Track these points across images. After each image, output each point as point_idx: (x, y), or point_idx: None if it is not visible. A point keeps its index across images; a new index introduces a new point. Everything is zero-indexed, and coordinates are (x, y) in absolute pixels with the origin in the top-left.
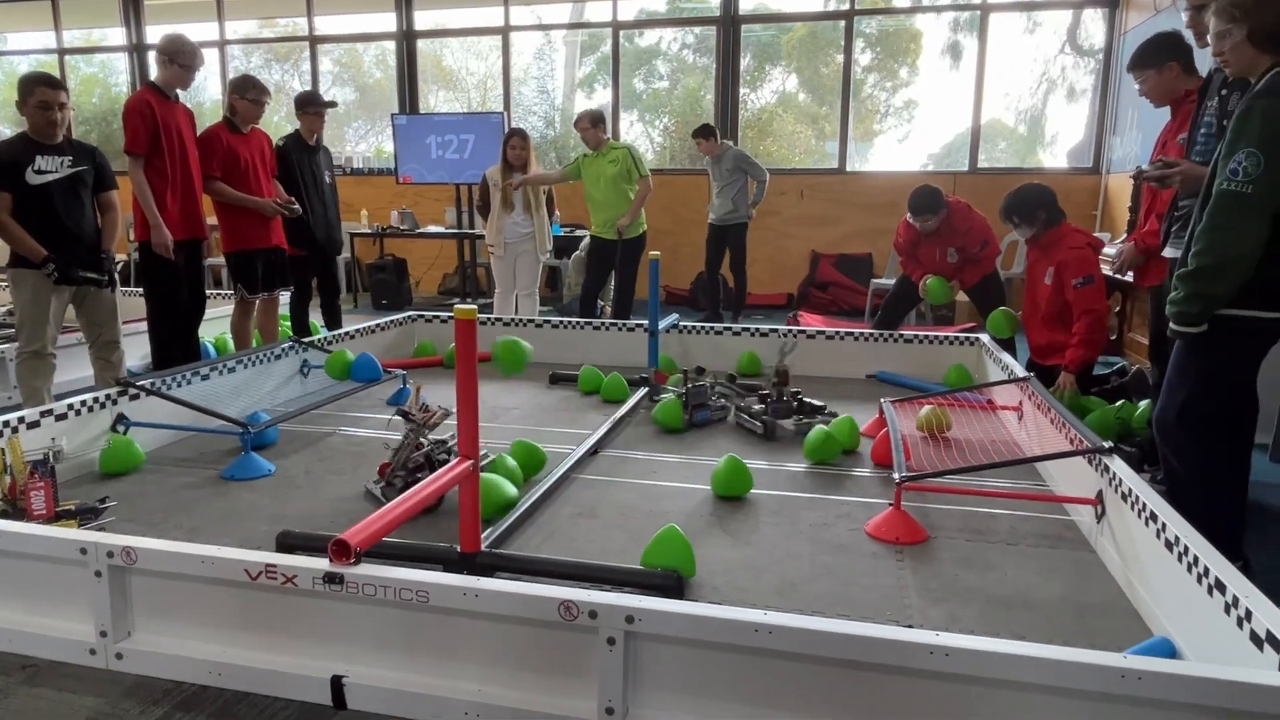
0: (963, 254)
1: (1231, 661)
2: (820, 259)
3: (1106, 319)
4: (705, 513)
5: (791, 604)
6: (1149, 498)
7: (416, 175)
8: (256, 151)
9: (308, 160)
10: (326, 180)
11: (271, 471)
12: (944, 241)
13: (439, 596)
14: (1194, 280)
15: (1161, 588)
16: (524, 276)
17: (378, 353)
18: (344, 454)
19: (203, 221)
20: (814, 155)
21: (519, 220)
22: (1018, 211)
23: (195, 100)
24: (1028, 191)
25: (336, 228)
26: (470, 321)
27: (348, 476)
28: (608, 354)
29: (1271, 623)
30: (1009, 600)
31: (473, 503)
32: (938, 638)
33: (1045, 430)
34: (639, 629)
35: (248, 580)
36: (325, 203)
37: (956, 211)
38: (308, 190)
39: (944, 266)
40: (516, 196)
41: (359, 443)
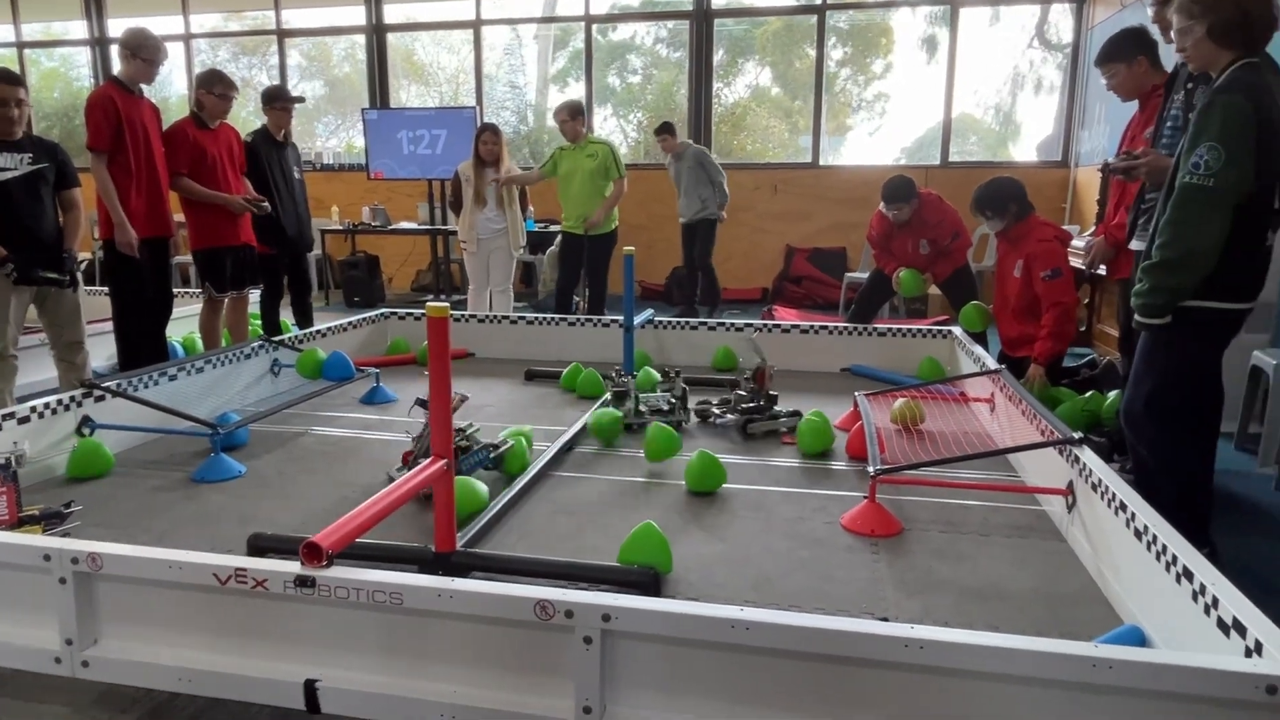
0: (934, 246)
1: (1200, 648)
2: (794, 253)
3: (1075, 311)
4: (682, 508)
5: (768, 599)
6: (1118, 487)
7: (388, 171)
8: (224, 147)
9: (276, 156)
10: (296, 176)
11: (242, 473)
12: (916, 233)
13: (413, 598)
14: (1158, 272)
15: (1131, 576)
16: (498, 272)
17: (350, 351)
18: (316, 454)
19: (169, 219)
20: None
21: (492, 216)
22: (989, 204)
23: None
24: (998, 184)
25: (307, 224)
26: (442, 319)
27: (320, 477)
28: (583, 350)
29: (1237, 609)
30: (982, 591)
31: (447, 502)
32: (912, 631)
33: (1017, 422)
34: (615, 627)
35: (217, 585)
36: (295, 199)
37: (928, 203)
38: (277, 186)
39: (916, 258)
40: (489, 192)
41: (332, 442)
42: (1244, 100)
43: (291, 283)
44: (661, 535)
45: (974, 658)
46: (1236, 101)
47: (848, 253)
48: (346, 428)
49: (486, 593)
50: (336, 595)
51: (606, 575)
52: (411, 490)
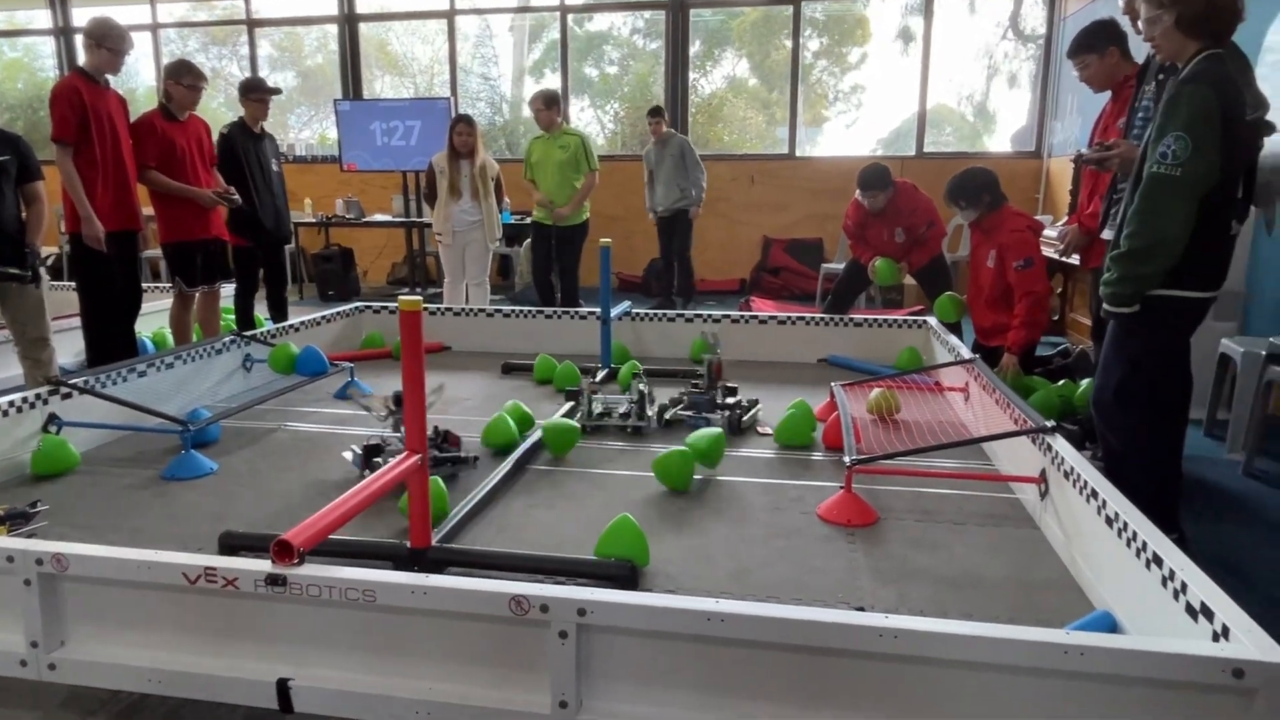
0: (910, 234)
1: (1169, 633)
2: (771, 244)
3: (1048, 300)
4: (659, 501)
5: (745, 590)
6: (1089, 475)
7: (361, 163)
8: (194, 139)
9: (253, 148)
10: (274, 168)
11: (214, 470)
12: (891, 222)
13: (386, 595)
14: (1126, 261)
15: (1103, 563)
16: (474, 265)
17: (324, 345)
18: (290, 450)
19: (137, 212)
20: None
21: (467, 208)
22: (963, 194)
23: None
24: (972, 175)
25: (285, 217)
26: (415, 313)
27: (293, 473)
28: (560, 342)
29: (1205, 594)
30: (957, 579)
31: (422, 498)
32: (887, 620)
33: (991, 411)
34: (591, 621)
35: (186, 584)
36: (273, 191)
37: (903, 192)
38: (254, 179)
39: (892, 247)
40: (464, 183)
41: (305, 438)
42: (1209, 91)
43: (267, 276)
44: (638, 528)
45: (948, 646)
46: (1202, 92)
47: (824, 244)
48: (320, 423)
49: (460, 588)
50: (309, 593)
51: (583, 569)
52: (385, 486)
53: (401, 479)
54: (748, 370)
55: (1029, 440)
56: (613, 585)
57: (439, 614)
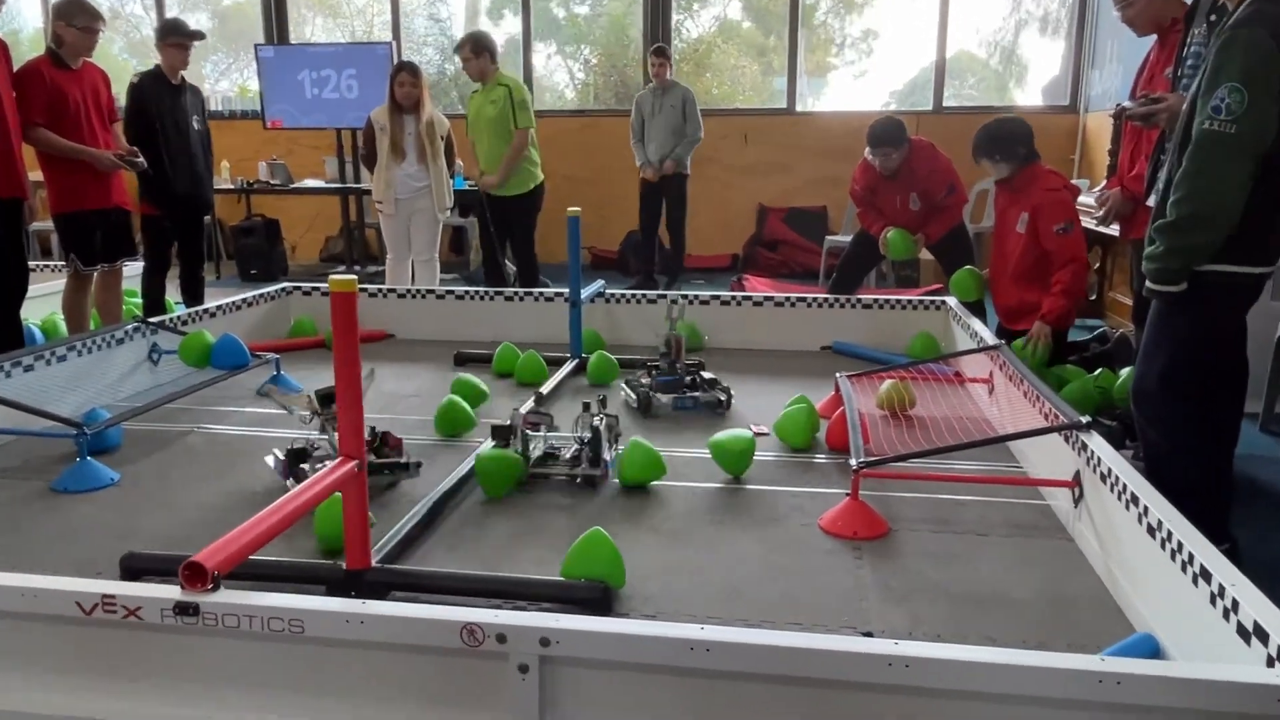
0: (926, 200)
1: (1219, 657)
2: (768, 214)
3: (1088, 271)
4: (636, 511)
5: (736, 613)
6: (1130, 478)
7: (288, 119)
8: (89, 91)
9: (169, 102)
10: (195, 126)
11: (115, 481)
12: (905, 186)
13: (316, 625)
14: (1172, 232)
15: (1144, 578)
16: (420, 238)
17: (245, 333)
18: (205, 456)
19: (22, 178)
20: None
21: (412, 171)
22: (999, 146)
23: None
24: (1007, 124)
25: (206, 182)
26: (349, 295)
27: (210, 484)
28: (523, 328)
29: (1260, 613)
30: (978, 598)
31: (359, 512)
32: (897, 647)
33: (1018, 405)
34: (556, 653)
35: (81, 615)
36: (191, 152)
37: (919, 151)
38: (168, 137)
39: (906, 216)
40: (409, 143)
41: (222, 442)
42: (1266, 35)
43: (181, 252)
44: (612, 544)
45: (967, 676)
46: (1258, 37)
47: (829, 213)
48: (241, 425)
49: (403, 616)
50: (225, 624)
51: (548, 592)
52: (315, 498)
53: (335, 489)
54: (740, 360)
55: (1061, 438)
56: (582, 610)
57: (379, 646)
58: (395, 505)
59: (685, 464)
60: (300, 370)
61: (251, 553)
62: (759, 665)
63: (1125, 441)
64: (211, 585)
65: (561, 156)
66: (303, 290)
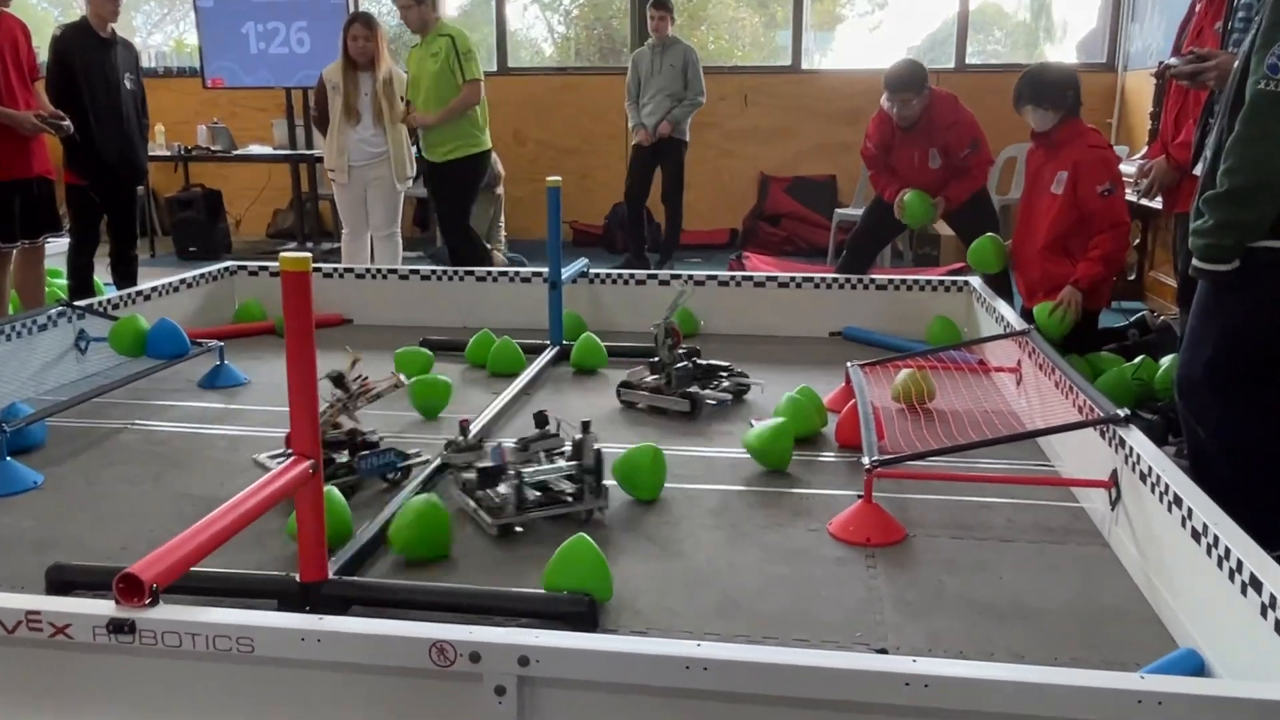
0: (948, 157)
1: (1269, 676)
2: (770, 184)
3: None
4: (625, 516)
5: (735, 629)
6: (1173, 477)
7: (231, 77)
8: (7, 44)
9: (96, 57)
10: (126, 85)
11: (37, 484)
12: (925, 140)
13: (268, 643)
14: (1223, 204)
15: (1188, 587)
16: (379, 211)
17: (184, 318)
18: (140, 455)
19: None
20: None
21: (368, 136)
22: (1047, 92)
23: None
24: (1056, 69)
25: (139, 148)
26: (302, 274)
27: (145, 487)
28: (497, 313)
29: None
30: (1004, 611)
31: (315, 517)
32: (915, 665)
33: (1049, 397)
34: (536, 673)
35: (3, 633)
36: (122, 115)
37: (941, 101)
38: (95, 97)
39: (925, 176)
40: (365, 104)
41: (160, 440)
42: None
43: (111, 227)
44: (598, 552)
45: (991, 697)
46: None
47: (838, 183)
48: (181, 420)
49: (365, 633)
50: (165, 643)
51: (527, 606)
52: (265, 502)
53: (287, 493)
54: (738, 347)
55: (1097, 434)
56: (565, 626)
57: (338, 667)
58: (355, 511)
59: (682, 463)
60: (247, 360)
61: (194, 563)
62: (761, 685)
63: (1168, 437)
64: (149, 600)
65: (539, 120)
66: (249, 270)
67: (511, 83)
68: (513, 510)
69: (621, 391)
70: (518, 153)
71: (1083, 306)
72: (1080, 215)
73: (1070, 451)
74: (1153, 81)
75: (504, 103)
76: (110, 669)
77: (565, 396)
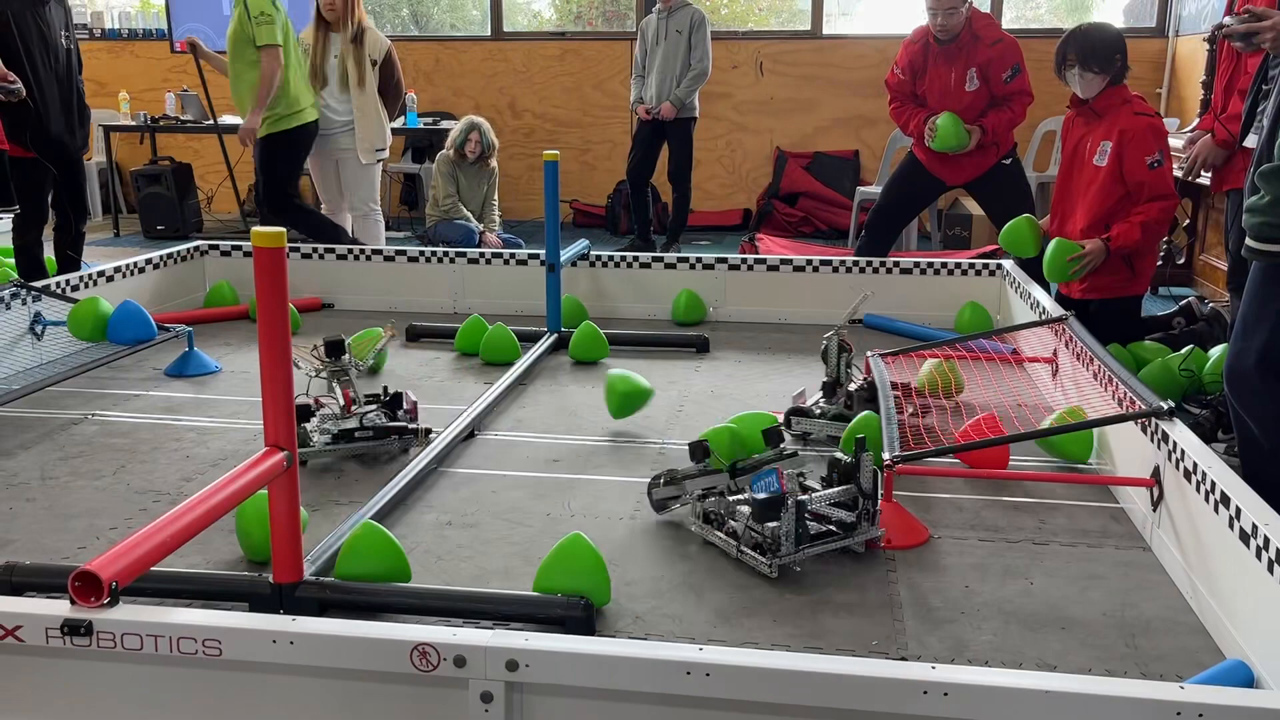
0: (986, 82)
1: None
2: (787, 160)
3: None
4: (626, 514)
5: (743, 634)
6: (1220, 475)
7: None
8: None
9: (30, 16)
10: (63, 45)
11: None
12: (964, 59)
13: (237, 646)
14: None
15: (1236, 594)
16: (354, 188)
17: (149, 301)
18: (101, 448)
19: None
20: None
21: (334, 103)
22: (1096, 53)
23: None
24: (1105, 29)
25: (81, 116)
26: (276, 250)
27: (106, 481)
28: (490, 298)
29: None
30: (1035, 619)
31: (289, 514)
32: (934, 672)
33: (1086, 389)
34: (526, 678)
35: None
36: (63, 79)
37: (984, 17)
38: (33, 61)
39: (961, 100)
40: (330, 67)
41: (123, 431)
42: None
43: (59, 201)
44: (595, 551)
45: (1019, 707)
46: None
47: (861, 160)
48: (145, 411)
49: (342, 635)
50: (125, 646)
51: (518, 609)
52: (233, 497)
53: (259, 486)
54: (750, 335)
55: (1138, 429)
56: (559, 629)
57: (311, 671)
58: (332, 507)
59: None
60: (218, 346)
61: (156, 561)
62: (769, 693)
63: (1217, 434)
64: (108, 599)
65: (536, 90)
66: (220, 250)
67: (506, 48)
68: (791, 547)
69: (793, 422)
70: (513, 125)
71: (1123, 293)
72: (1126, 189)
73: (1109, 447)
74: (1206, 48)
75: (498, 71)
76: (65, 674)
77: (564, 389)
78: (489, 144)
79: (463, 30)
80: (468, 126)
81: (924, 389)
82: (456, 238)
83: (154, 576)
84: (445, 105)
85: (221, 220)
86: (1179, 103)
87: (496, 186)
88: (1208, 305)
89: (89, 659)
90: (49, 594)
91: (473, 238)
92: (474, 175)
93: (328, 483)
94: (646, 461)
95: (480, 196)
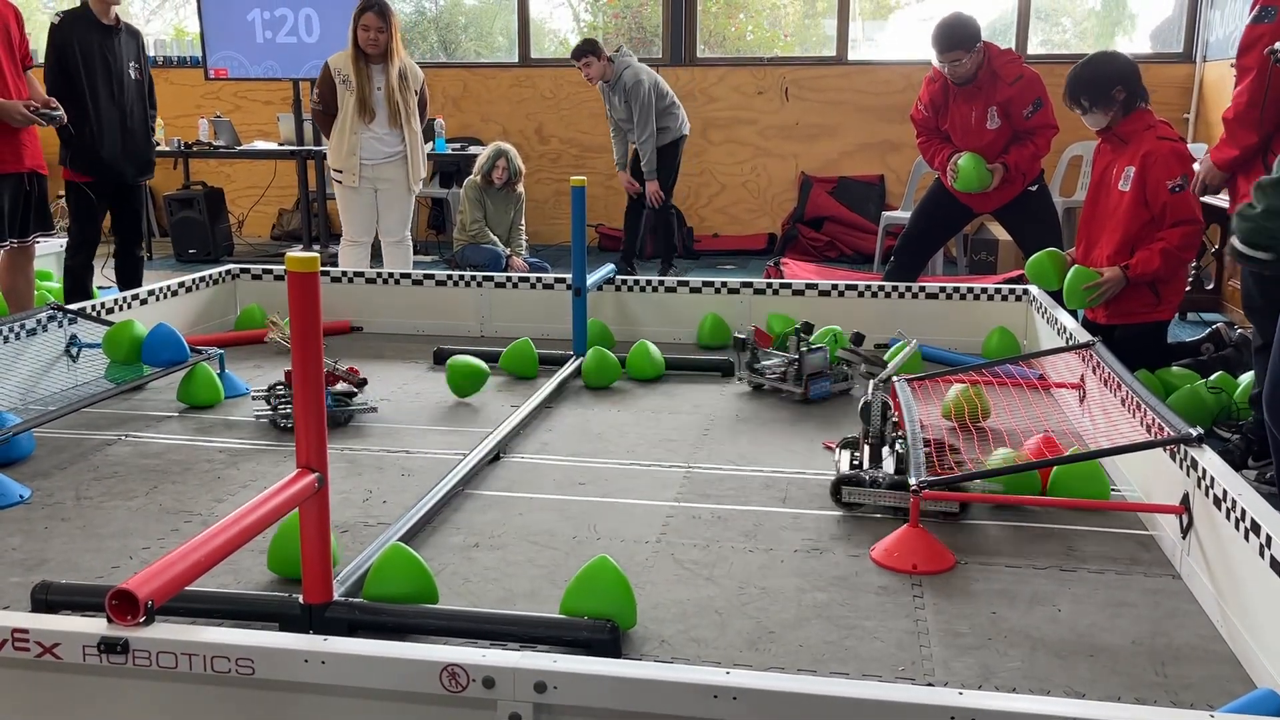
0: (1008, 119)
1: None
2: (812, 185)
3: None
4: (652, 537)
5: (769, 659)
6: (1251, 503)
7: (235, 68)
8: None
9: (98, 45)
10: (130, 75)
11: (25, 499)
12: (984, 97)
13: (270, 665)
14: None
15: (1268, 623)
16: (391, 216)
17: (182, 324)
18: (134, 470)
19: None
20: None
21: (382, 135)
22: (1086, 90)
23: None
24: (1100, 62)
25: (144, 143)
26: (310, 276)
27: (139, 501)
28: (516, 321)
29: None
30: (1063, 647)
31: (320, 534)
32: (961, 697)
33: (1114, 415)
34: (554, 700)
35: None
36: (125, 107)
37: (1000, 54)
38: (95, 89)
39: (983, 138)
40: (379, 100)
41: (154, 453)
42: None
43: (116, 227)
44: (621, 575)
45: None
46: None
47: (886, 184)
48: (177, 433)
49: (372, 655)
50: (160, 663)
51: (544, 631)
52: (266, 518)
53: (291, 507)
54: None
55: (1167, 455)
56: (585, 652)
57: (343, 691)
58: (363, 528)
59: (714, 481)
60: (248, 368)
61: (191, 581)
62: (794, 717)
63: (1247, 461)
64: (144, 618)
65: (563, 116)
66: (251, 273)
67: (534, 75)
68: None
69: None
70: (540, 150)
71: (1148, 318)
72: (1150, 215)
73: (1137, 474)
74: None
75: (526, 97)
76: (101, 691)
77: (589, 411)
78: (516, 170)
79: (489, 57)
80: (495, 153)
81: (950, 413)
82: (483, 261)
83: (184, 596)
84: (473, 131)
85: (252, 244)
86: (1206, 128)
87: (523, 211)
88: (1236, 331)
89: (125, 677)
90: (83, 612)
91: (499, 262)
92: (501, 200)
93: (356, 504)
94: (672, 485)
95: (507, 221)
